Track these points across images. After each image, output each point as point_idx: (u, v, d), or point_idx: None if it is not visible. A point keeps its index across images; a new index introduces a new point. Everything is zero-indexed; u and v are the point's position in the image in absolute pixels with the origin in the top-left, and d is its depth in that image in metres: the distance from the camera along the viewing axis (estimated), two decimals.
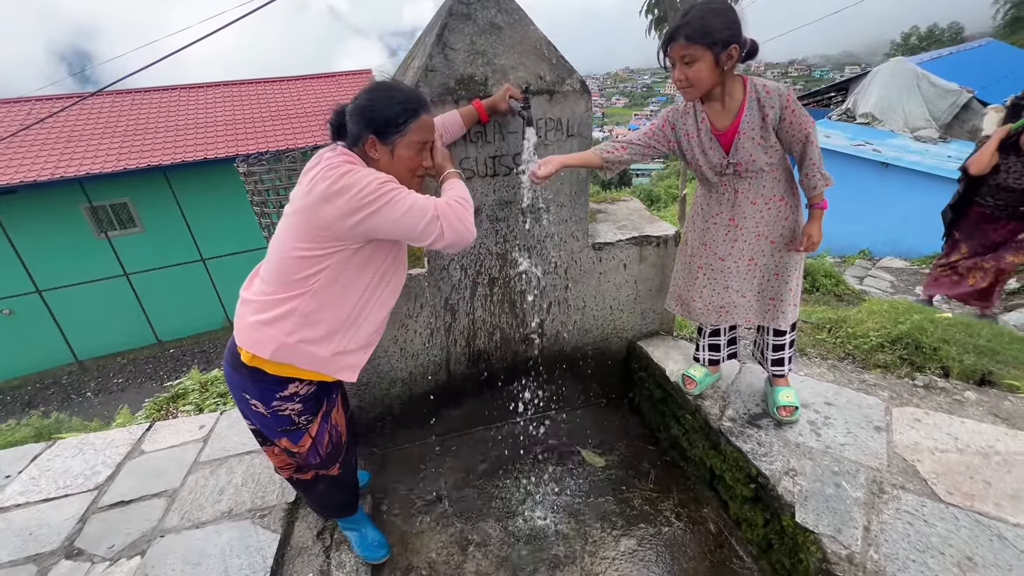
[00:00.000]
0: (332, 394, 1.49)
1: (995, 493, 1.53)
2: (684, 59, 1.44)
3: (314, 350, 1.29)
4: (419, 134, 1.25)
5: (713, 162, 1.63)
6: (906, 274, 7.35)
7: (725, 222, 1.72)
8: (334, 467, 1.57)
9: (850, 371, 2.26)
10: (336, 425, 1.52)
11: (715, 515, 1.91)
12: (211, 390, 3.70)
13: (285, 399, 1.35)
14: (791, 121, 1.53)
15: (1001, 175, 3.24)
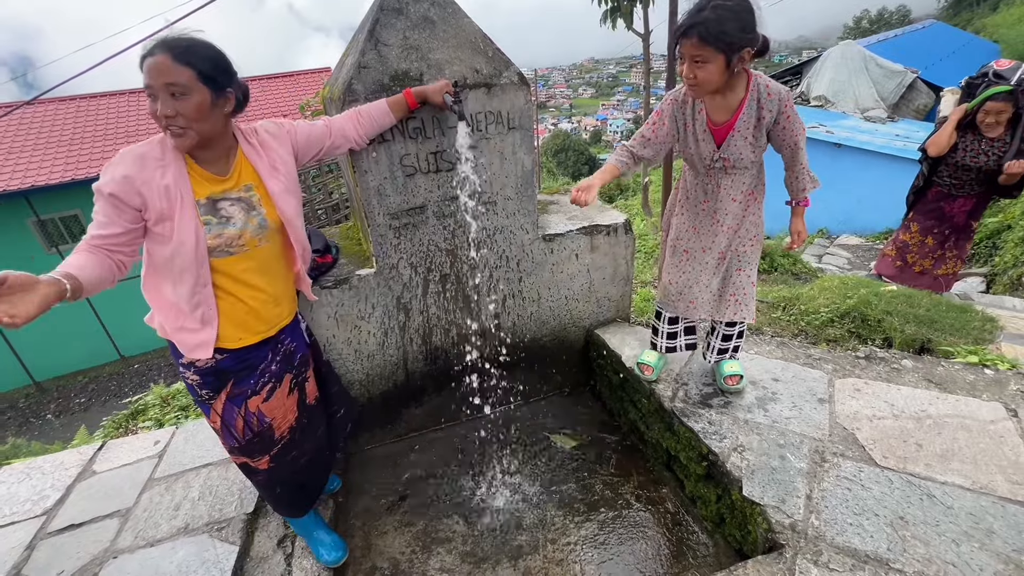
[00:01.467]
0: (250, 380, 1.46)
1: (926, 454, 1.61)
2: (695, 58, 1.40)
3: (162, 321, 1.37)
4: (145, 78, 1.17)
5: (704, 154, 1.64)
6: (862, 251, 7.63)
7: (710, 212, 1.74)
8: (261, 459, 1.55)
9: (797, 347, 2.34)
10: (261, 414, 1.49)
11: (672, 495, 1.96)
12: (172, 404, 3.60)
13: (184, 367, 1.41)
14: (785, 126, 1.55)
15: (959, 154, 3.27)
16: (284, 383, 1.55)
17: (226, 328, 1.38)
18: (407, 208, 1.84)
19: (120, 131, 10.53)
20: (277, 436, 1.57)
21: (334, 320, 1.95)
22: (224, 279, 1.35)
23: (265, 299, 1.44)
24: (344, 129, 1.57)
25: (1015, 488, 1.47)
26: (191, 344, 1.36)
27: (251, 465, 1.59)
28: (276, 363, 1.52)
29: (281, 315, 1.53)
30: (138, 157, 1.21)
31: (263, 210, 1.36)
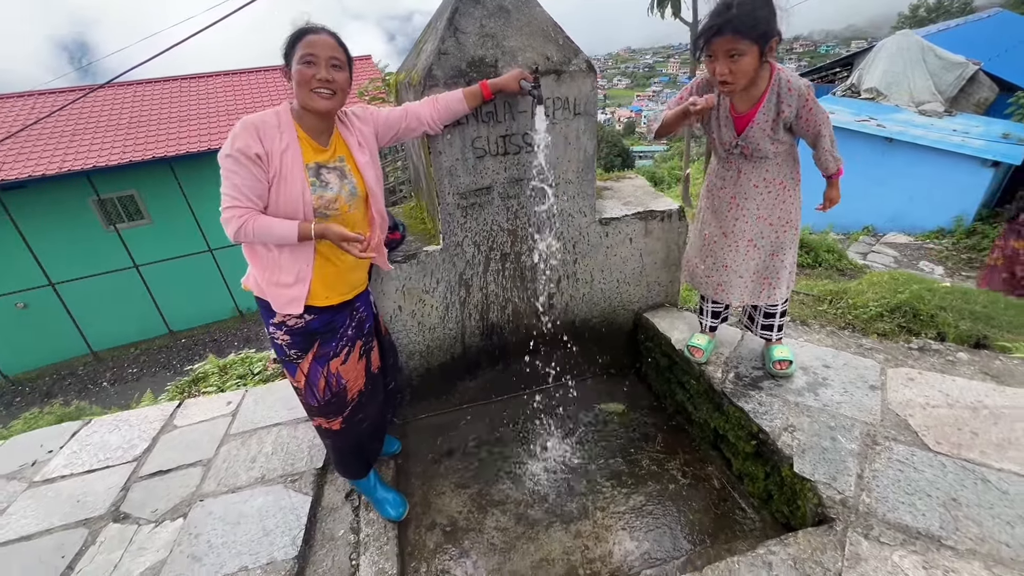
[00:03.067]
0: (332, 342, 1.61)
1: (981, 442, 1.63)
2: (731, 53, 1.45)
3: (257, 280, 1.53)
4: (303, 48, 1.39)
5: (725, 139, 1.72)
6: (910, 249, 7.39)
7: (728, 198, 1.81)
8: (336, 420, 1.70)
9: (848, 337, 2.36)
10: (339, 376, 1.65)
11: (719, 472, 2.03)
12: (231, 372, 3.84)
13: (276, 326, 1.56)
14: (807, 119, 1.61)
15: None
16: (356, 348, 1.70)
17: (317, 286, 1.54)
18: (475, 188, 1.95)
19: (174, 115, 11.02)
20: (349, 399, 1.71)
21: (401, 292, 2.08)
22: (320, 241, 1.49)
23: (350, 263, 1.60)
24: (419, 114, 1.70)
25: None
26: (285, 299, 1.51)
27: (324, 426, 1.74)
28: (352, 328, 1.67)
29: (360, 281, 1.69)
30: (260, 123, 1.40)
31: (353, 179, 1.53)
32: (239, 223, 1.37)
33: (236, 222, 1.37)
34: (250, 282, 1.57)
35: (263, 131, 1.39)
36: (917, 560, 1.33)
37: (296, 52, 1.40)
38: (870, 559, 1.35)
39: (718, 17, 1.43)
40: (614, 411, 2.44)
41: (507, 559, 1.79)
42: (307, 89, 1.40)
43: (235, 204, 1.38)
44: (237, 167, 1.37)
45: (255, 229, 1.38)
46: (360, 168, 1.56)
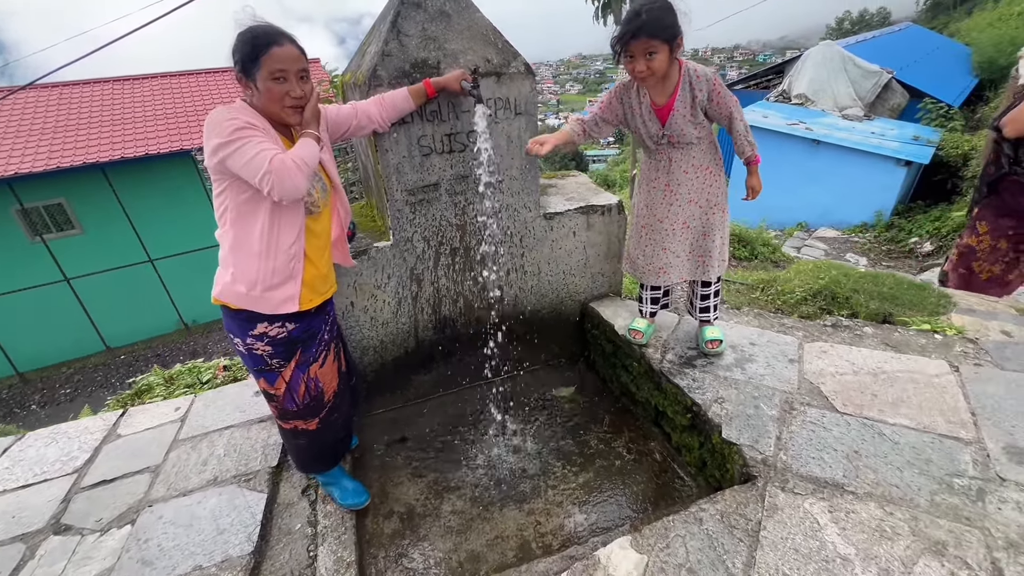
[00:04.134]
0: (312, 348, 1.63)
1: (879, 402, 1.85)
2: (648, 52, 1.66)
3: (239, 288, 1.46)
4: (272, 64, 1.34)
5: (651, 132, 1.89)
6: (838, 242, 7.98)
7: (662, 187, 1.97)
8: (312, 421, 1.72)
9: (772, 318, 2.58)
10: (318, 379, 1.67)
11: (660, 447, 2.18)
12: (177, 382, 3.71)
13: (256, 338, 1.53)
14: (717, 102, 1.81)
15: None
16: (331, 351, 1.74)
17: (303, 291, 1.55)
18: (422, 185, 2.02)
19: (105, 119, 10.42)
20: (326, 399, 1.75)
21: (353, 288, 2.12)
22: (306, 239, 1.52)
23: (327, 261, 1.65)
24: (369, 112, 1.76)
25: (952, 427, 1.72)
26: (278, 300, 1.49)
27: (301, 427, 1.75)
28: (327, 332, 1.71)
29: (332, 281, 1.73)
30: (244, 108, 1.38)
31: (322, 176, 1.57)
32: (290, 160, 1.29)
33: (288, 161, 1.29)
34: (228, 294, 1.49)
35: (254, 117, 1.37)
36: (824, 505, 1.51)
37: (262, 66, 1.34)
38: (785, 508, 1.52)
39: (631, 23, 1.63)
40: (564, 397, 2.56)
41: (463, 539, 1.87)
42: (280, 106, 1.39)
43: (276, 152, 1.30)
44: (255, 133, 1.31)
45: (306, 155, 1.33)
46: (325, 166, 1.60)
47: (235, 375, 3.34)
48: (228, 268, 1.47)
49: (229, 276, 1.47)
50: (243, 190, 1.38)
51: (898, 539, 1.39)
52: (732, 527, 1.49)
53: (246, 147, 1.28)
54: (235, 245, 1.45)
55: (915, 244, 7.12)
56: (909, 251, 7.11)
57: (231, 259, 1.46)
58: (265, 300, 1.48)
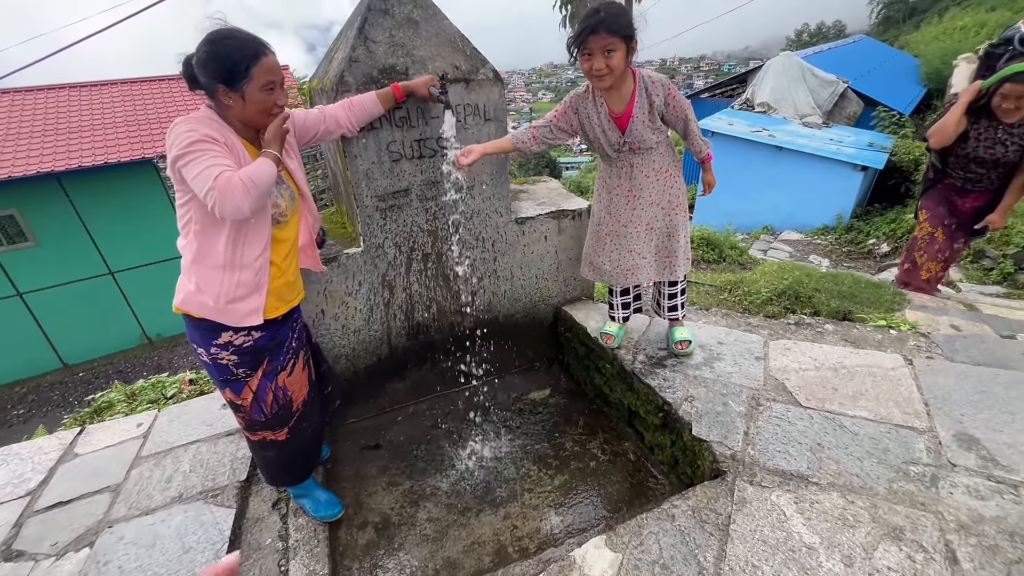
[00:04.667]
0: (279, 356, 1.60)
1: (840, 396, 1.92)
2: (606, 49, 1.66)
3: (203, 299, 1.42)
4: (263, 76, 1.32)
5: (612, 140, 1.91)
6: (802, 245, 8.27)
7: (625, 193, 2.01)
8: (281, 431, 1.68)
9: (739, 317, 2.65)
10: (286, 388, 1.64)
11: (634, 447, 2.21)
12: (140, 398, 3.57)
13: (221, 347, 1.49)
14: (673, 106, 1.85)
15: (971, 144, 2.63)
16: (300, 359, 1.70)
17: (269, 299, 1.51)
18: (393, 191, 2.01)
19: (61, 126, 10.02)
20: (295, 409, 1.71)
21: (323, 296, 2.09)
22: (272, 247, 1.49)
23: (293, 269, 1.61)
24: (337, 116, 1.74)
25: (907, 417, 1.80)
26: (243, 312, 1.45)
27: (269, 438, 1.70)
28: (295, 340, 1.68)
29: (299, 288, 1.70)
30: (208, 119, 1.34)
31: (289, 184, 1.55)
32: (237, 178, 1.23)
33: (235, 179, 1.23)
34: (190, 303, 1.45)
35: (216, 127, 1.34)
36: (790, 497, 1.56)
37: (254, 77, 1.31)
38: (754, 501, 1.56)
39: (591, 19, 1.64)
40: (539, 400, 2.57)
41: (439, 547, 1.85)
42: (268, 115, 1.38)
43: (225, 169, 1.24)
44: (211, 147, 1.27)
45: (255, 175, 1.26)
46: (292, 174, 1.58)
47: (202, 389, 3.23)
48: (191, 278, 1.43)
49: (193, 286, 1.43)
50: None
51: (859, 526, 1.45)
52: (703, 522, 1.52)
53: (197, 161, 1.25)
54: (198, 257, 1.41)
55: (873, 245, 7.43)
56: (868, 252, 7.41)
57: (193, 270, 1.43)
58: (229, 312, 1.44)
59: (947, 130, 2.60)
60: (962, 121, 2.57)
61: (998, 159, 2.57)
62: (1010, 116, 2.45)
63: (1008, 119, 2.47)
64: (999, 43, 2.60)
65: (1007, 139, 2.52)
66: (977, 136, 2.60)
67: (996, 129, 2.53)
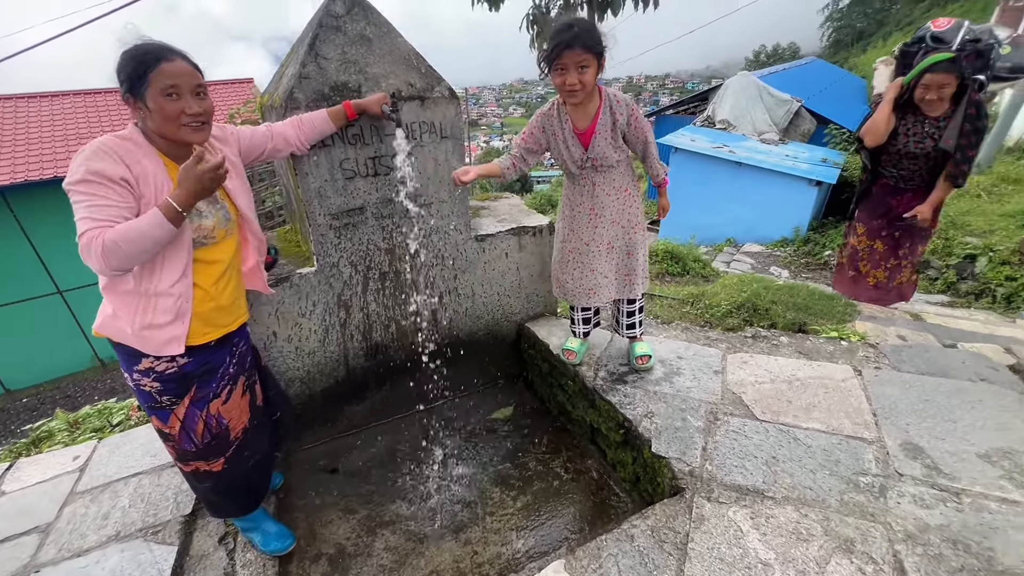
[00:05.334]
0: (211, 384, 1.51)
1: (794, 408, 1.96)
2: (580, 64, 1.68)
3: (120, 324, 1.37)
4: (162, 80, 1.25)
5: (575, 157, 1.93)
6: (763, 257, 8.53)
7: (587, 211, 2.02)
8: (216, 462, 1.59)
9: (699, 331, 2.69)
10: (220, 416, 1.55)
11: (597, 464, 2.20)
12: (84, 427, 3.37)
13: (142, 373, 1.41)
14: (635, 127, 1.89)
15: (900, 140, 2.69)
16: (239, 385, 1.62)
17: (195, 324, 1.43)
18: (347, 209, 1.97)
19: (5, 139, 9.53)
20: (232, 437, 1.62)
21: (275, 318, 2.01)
22: (198, 270, 1.41)
23: (229, 293, 1.53)
24: (285, 134, 1.69)
25: (857, 428, 1.84)
26: (161, 340, 1.38)
27: (203, 469, 1.61)
28: (233, 365, 1.59)
29: (239, 312, 1.61)
30: (117, 146, 1.26)
31: (225, 204, 1.48)
32: (99, 240, 1.16)
33: (96, 241, 1.16)
34: (108, 328, 1.39)
35: (124, 155, 1.26)
36: (746, 512, 1.56)
37: (151, 83, 1.25)
38: (711, 518, 1.56)
39: (565, 34, 1.65)
40: (503, 419, 2.53)
41: None
42: (176, 124, 1.29)
43: (94, 226, 1.18)
44: (96, 190, 1.20)
45: (121, 238, 1.17)
46: (230, 193, 1.51)
47: None
48: (108, 302, 1.37)
49: (110, 310, 1.37)
50: None
51: (812, 540, 1.46)
52: (662, 541, 1.51)
53: (77, 206, 1.21)
54: (111, 284, 1.34)
55: (829, 256, 7.73)
56: (824, 263, 7.69)
57: (107, 295, 1.37)
58: (146, 339, 1.37)
59: (879, 127, 2.67)
60: (891, 117, 2.64)
61: (928, 153, 2.64)
62: (934, 108, 2.54)
63: (933, 112, 2.56)
64: (912, 42, 2.69)
65: (935, 132, 2.59)
66: (906, 132, 2.67)
67: (923, 123, 2.61)
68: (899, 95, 2.62)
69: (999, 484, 1.58)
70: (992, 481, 1.59)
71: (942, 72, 2.42)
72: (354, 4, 1.82)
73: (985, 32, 2.56)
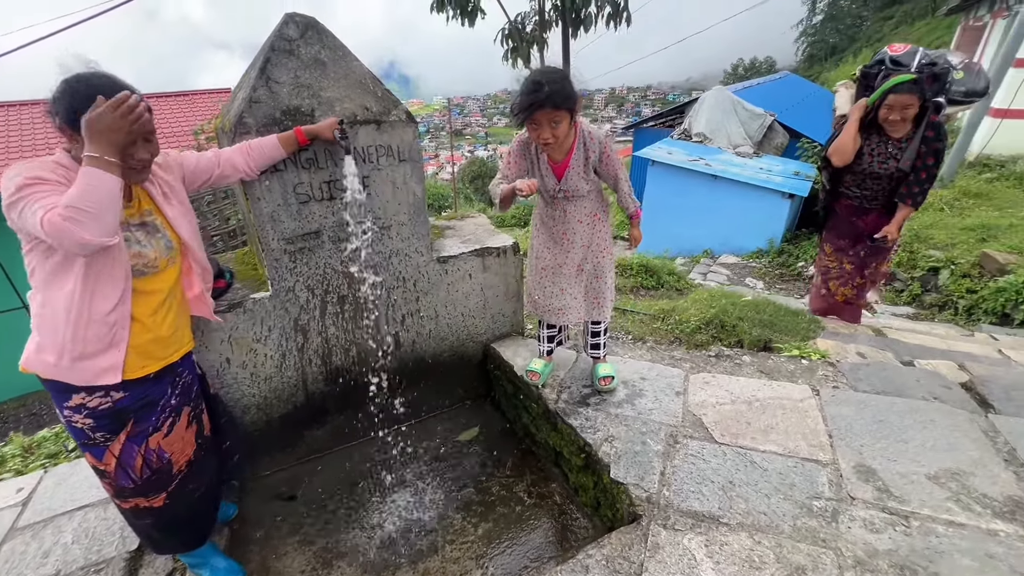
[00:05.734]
0: (150, 418, 1.46)
1: (752, 430, 1.97)
2: (552, 120, 1.72)
3: (45, 357, 1.31)
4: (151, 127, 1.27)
5: (548, 186, 1.96)
6: (738, 268, 8.66)
7: (559, 235, 2.05)
8: (157, 497, 1.53)
9: (663, 350, 2.70)
10: (161, 450, 1.50)
11: (560, 488, 2.18)
12: (39, 452, 3.24)
13: (73, 410, 1.36)
14: (606, 163, 1.93)
15: (865, 160, 2.74)
16: (183, 416, 1.56)
17: (131, 357, 1.38)
18: (302, 233, 1.94)
19: None
20: (175, 471, 1.56)
21: (229, 344, 1.96)
22: (135, 300, 1.36)
23: (168, 323, 1.48)
24: (233, 160, 1.66)
25: (812, 450, 1.86)
26: (95, 371, 1.33)
27: (143, 505, 1.55)
28: (176, 397, 1.54)
29: (181, 341, 1.56)
30: (54, 167, 1.21)
31: (166, 232, 1.44)
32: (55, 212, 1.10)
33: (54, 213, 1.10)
34: (33, 363, 1.32)
35: (54, 171, 1.21)
36: (701, 540, 1.56)
37: None
38: (666, 546, 1.55)
39: (535, 95, 1.67)
40: (468, 441, 2.50)
41: None
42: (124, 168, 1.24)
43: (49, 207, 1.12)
44: (40, 188, 1.15)
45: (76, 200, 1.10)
46: (171, 221, 1.47)
47: None
48: (35, 334, 1.32)
49: (35, 343, 1.32)
50: (52, 251, 1.23)
51: (765, 568, 1.46)
52: (616, 572, 1.49)
53: (25, 209, 1.15)
54: (43, 310, 1.29)
55: (802, 268, 7.88)
56: (797, 274, 7.83)
57: (37, 324, 1.31)
58: (77, 371, 1.32)
59: (846, 147, 2.72)
60: (858, 137, 2.70)
61: (891, 173, 2.70)
62: (897, 129, 2.60)
63: (896, 133, 2.62)
64: (872, 64, 2.78)
65: (897, 153, 2.65)
66: (871, 152, 2.73)
67: (887, 144, 2.67)
68: (864, 115, 2.68)
69: (946, 506, 1.60)
70: (940, 503, 1.61)
71: (905, 93, 2.48)
72: (308, 27, 1.80)
73: (940, 57, 2.66)
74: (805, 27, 39.88)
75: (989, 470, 1.73)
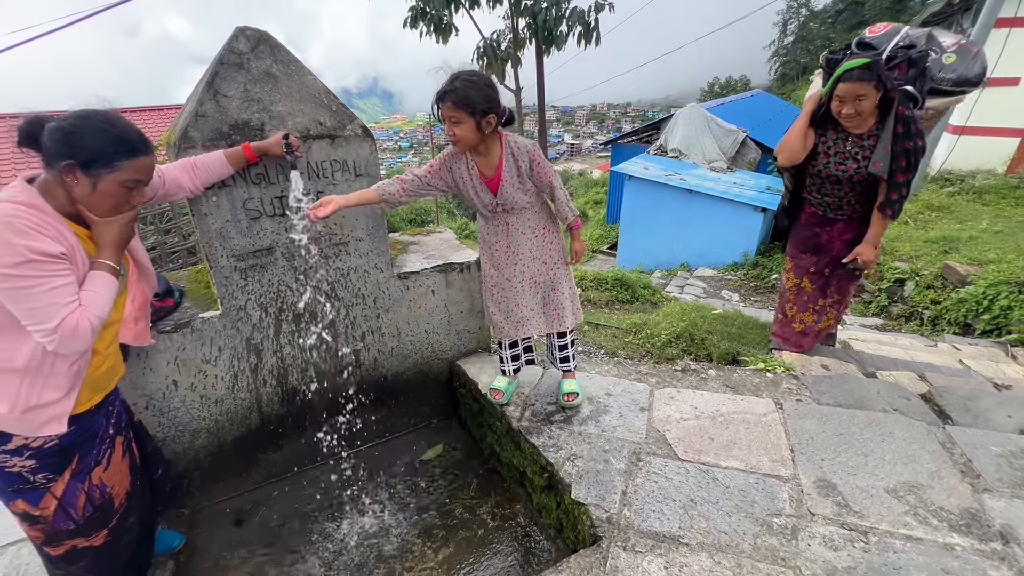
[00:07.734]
0: (92, 451, 1.38)
1: (715, 446, 1.95)
2: (452, 119, 1.69)
3: (10, 405, 1.20)
4: (132, 173, 1.22)
5: (485, 202, 1.92)
6: (714, 281, 8.77)
7: (504, 249, 2.01)
8: (97, 536, 1.44)
9: (630, 365, 2.68)
10: (103, 485, 1.41)
11: (524, 509, 2.12)
12: None
13: (11, 453, 1.25)
14: (538, 171, 1.88)
15: (820, 160, 2.35)
16: (118, 446, 1.48)
17: (83, 392, 1.32)
18: (253, 250, 1.88)
19: None
20: (117, 505, 1.48)
21: (175, 366, 1.88)
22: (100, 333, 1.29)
23: (115, 351, 1.44)
24: (179, 180, 1.60)
25: (774, 465, 1.84)
26: (40, 421, 1.24)
27: (81, 546, 1.44)
28: (112, 427, 1.46)
29: (120, 368, 1.50)
30: (36, 221, 1.12)
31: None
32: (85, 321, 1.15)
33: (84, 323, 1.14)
34: None
35: (49, 231, 1.13)
36: (661, 562, 1.52)
37: (120, 170, 1.19)
38: (625, 570, 1.50)
39: (443, 87, 1.66)
40: (433, 461, 2.43)
41: None
42: (107, 211, 1.23)
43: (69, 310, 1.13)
44: (47, 270, 1.11)
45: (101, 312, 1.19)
46: (129, 249, 1.42)
47: None
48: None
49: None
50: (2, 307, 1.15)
51: None
52: None
53: (31, 292, 1.09)
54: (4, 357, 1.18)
55: (776, 280, 8.01)
56: (772, 286, 7.96)
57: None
58: (24, 422, 1.22)
59: (793, 144, 2.33)
60: (809, 134, 2.32)
61: (851, 176, 2.29)
62: (855, 124, 2.21)
63: (855, 129, 2.23)
64: (840, 49, 2.39)
65: (857, 152, 2.25)
66: (826, 151, 2.33)
67: (845, 141, 2.27)
68: (816, 108, 2.28)
69: (904, 521, 1.59)
70: (898, 518, 1.61)
71: (855, 81, 2.07)
72: (260, 41, 1.77)
73: (922, 37, 2.27)
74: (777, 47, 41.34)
75: (946, 482, 1.74)
